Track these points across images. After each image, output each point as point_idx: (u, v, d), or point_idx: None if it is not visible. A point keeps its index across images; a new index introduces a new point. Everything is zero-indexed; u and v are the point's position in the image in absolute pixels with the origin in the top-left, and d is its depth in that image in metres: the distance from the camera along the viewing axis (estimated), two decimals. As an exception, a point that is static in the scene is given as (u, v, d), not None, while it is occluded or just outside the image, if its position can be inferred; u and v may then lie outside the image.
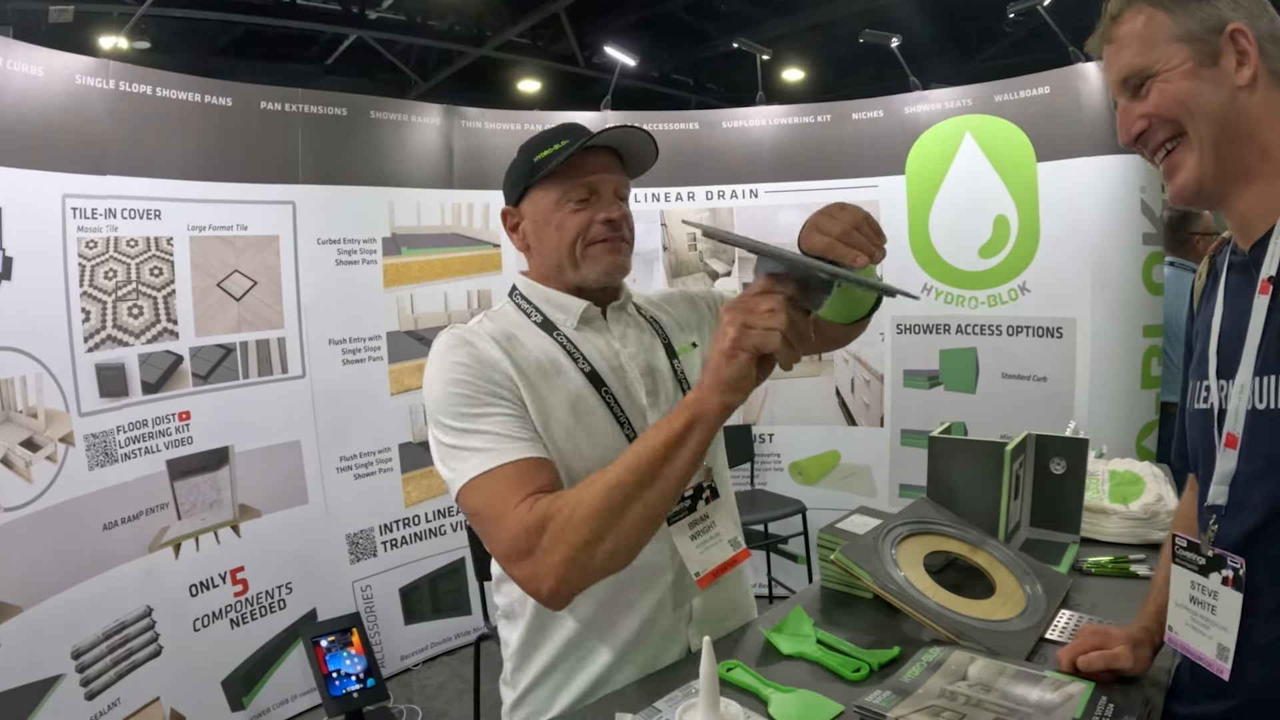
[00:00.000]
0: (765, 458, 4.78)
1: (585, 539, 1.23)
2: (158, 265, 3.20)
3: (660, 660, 1.52)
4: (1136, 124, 1.16)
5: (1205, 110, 1.10)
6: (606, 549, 1.24)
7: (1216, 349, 1.18)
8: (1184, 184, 1.14)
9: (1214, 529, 1.15)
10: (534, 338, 1.51)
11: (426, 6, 7.45)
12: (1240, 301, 1.14)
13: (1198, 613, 1.16)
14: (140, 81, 3.17)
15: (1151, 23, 1.13)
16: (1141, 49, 1.14)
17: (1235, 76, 1.09)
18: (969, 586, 1.66)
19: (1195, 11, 1.11)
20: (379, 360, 3.95)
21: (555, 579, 1.26)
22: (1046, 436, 2.09)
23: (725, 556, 1.49)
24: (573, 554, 1.24)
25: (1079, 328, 3.94)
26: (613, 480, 1.23)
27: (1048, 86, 4.00)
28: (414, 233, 4.10)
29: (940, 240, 4.34)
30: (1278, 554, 1.08)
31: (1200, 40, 1.10)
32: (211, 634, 3.34)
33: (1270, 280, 1.08)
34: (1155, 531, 1.99)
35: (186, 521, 3.26)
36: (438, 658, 4.14)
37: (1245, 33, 1.09)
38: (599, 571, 1.28)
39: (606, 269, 1.51)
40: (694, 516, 1.49)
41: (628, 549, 1.27)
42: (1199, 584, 1.16)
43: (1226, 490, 1.13)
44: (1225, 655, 1.11)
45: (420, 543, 4.10)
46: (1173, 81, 1.11)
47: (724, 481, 1.62)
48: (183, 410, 3.25)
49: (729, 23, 8.35)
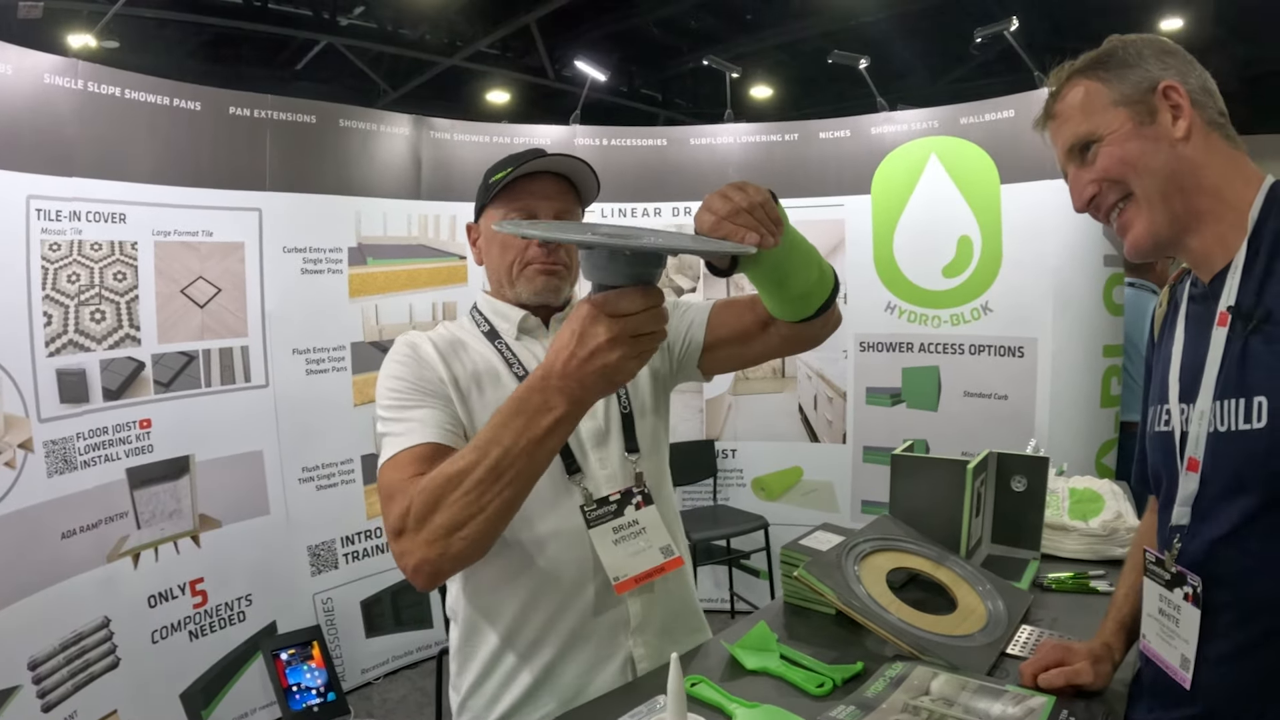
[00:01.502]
0: (728, 473, 4.80)
1: (445, 524, 1.24)
2: (121, 270, 3.15)
3: (600, 668, 1.52)
4: (1087, 189, 1.24)
5: (1150, 166, 1.18)
6: (464, 535, 1.25)
7: (1178, 375, 1.23)
8: (1138, 239, 1.21)
9: (1177, 547, 1.20)
10: (480, 347, 1.58)
11: (398, 15, 7.44)
12: (1200, 330, 1.21)
13: (1165, 624, 1.22)
14: (109, 82, 3.14)
15: (1090, 93, 1.23)
16: (1083, 118, 1.23)
17: (1173, 130, 1.17)
18: (931, 602, 1.67)
19: (1128, 76, 1.20)
20: (343, 370, 3.92)
21: (417, 558, 1.27)
22: (1008, 455, 2.12)
23: (653, 563, 1.50)
24: (433, 537, 1.25)
25: (1040, 347, 4.00)
26: (474, 476, 1.22)
27: (1013, 110, 4.06)
28: (380, 243, 4.08)
29: (904, 259, 4.38)
30: (1236, 571, 1.12)
31: (1137, 101, 1.19)
32: (170, 646, 3.28)
33: (1229, 311, 1.14)
34: (1115, 548, 2.02)
35: (146, 531, 3.21)
36: (399, 671, 4.10)
37: (1176, 88, 1.17)
38: (458, 557, 1.28)
39: (538, 290, 1.59)
40: (619, 521, 1.51)
41: (485, 537, 1.26)
42: (1165, 597, 1.22)
43: (1189, 511, 1.19)
44: (1187, 665, 1.17)
45: (382, 555, 4.06)
46: (1116, 144, 1.19)
47: (659, 489, 1.63)
48: (144, 418, 3.21)
49: (698, 39, 8.41)
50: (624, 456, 1.58)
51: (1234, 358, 1.13)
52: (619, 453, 1.57)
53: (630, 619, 1.54)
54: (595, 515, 1.49)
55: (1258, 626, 1.11)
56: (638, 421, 1.61)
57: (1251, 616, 1.11)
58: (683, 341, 1.71)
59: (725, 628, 1.69)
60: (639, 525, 1.52)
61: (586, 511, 1.49)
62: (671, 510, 1.67)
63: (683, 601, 1.67)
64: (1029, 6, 6.32)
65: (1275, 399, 1.07)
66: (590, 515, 1.49)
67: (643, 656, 1.54)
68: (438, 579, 1.32)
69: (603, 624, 1.52)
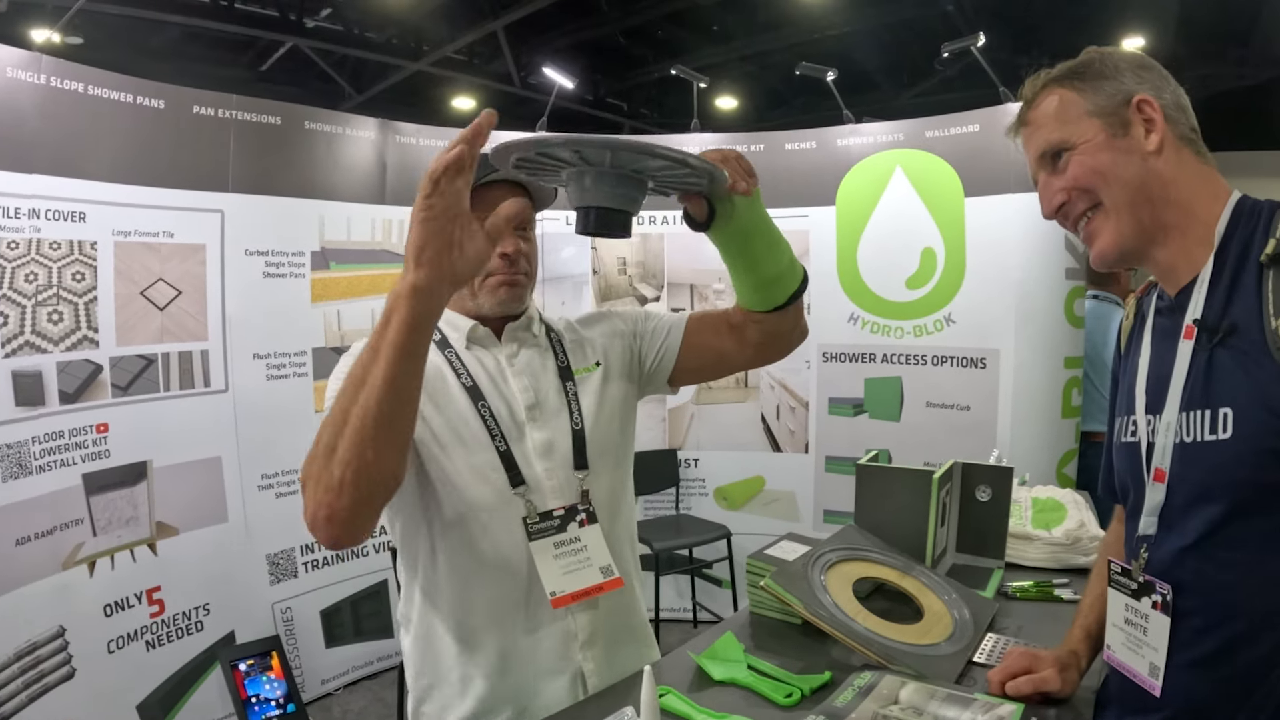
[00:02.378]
0: (690, 483, 4.81)
1: (321, 454, 1.21)
2: (80, 270, 3.09)
3: (552, 679, 1.51)
4: (1057, 196, 1.27)
5: (1120, 178, 1.20)
6: (341, 457, 1.19)
7: (1145, 387, 1.26)
8: (1104, 248, 1.24)
9: (1145, 556, 1.22)
10: (430, 354, 1.53)
11: (365, 18, 7.39)
12: (1167, 343, 1.23)
13: (1131, 633, 1.24)
14: (72, 78, 3.08)
15: (1064, 102, 1.25)
16: (1057, 126, 1.25)
17: (1145, 143, 1.20)
18: (897, 612, 1.68)
19: (1103, 88, 1.23)
20: (304, 376, 3.87)
21: (313, 505, 1.23)
22: (973, 465, 2.13)
23: (591, 582, 1.50)
24: (317, 473, 1.22)
25: (1002, 358, 4.05)
26: (339, 400, 1.22)
27: (977, 124, 4.11)
28: (343, 247, 4.04)
29: (868, 271, 4.42)
30: (1204, 579, 1.15)
31: (1110, 113, 1.21)
32: (127, 656, 3.21)
33: (1194, 324, 1.16)
34: (1078, 557, 2.05)
35: (102, 538, 3.13)
36: (359, 681, 4.05)
37: (1150, 102, 1.20)
38: (345, 487, 1.20)
39: (500, 301, 1.57)
40: (561, 536, 1.50)
41: (360, 457, 1.19)
42: (1132, 607, 1.23)
43: (1156, 520, 1.21)
44: (1156, 673, 1.18)
45: (342, 564, 4.02)
46: (1088, 153, 1.22)
47: (611, 509, 1.61)
48: (101, 422, 3.14)
49: (664, 49, 8.44)
50: (572, 473, 1.56)
51: (1200, 370, 1.15)
52: (567, 467, 1.56)
53: (578, 632, 1.53)
54: (537, 529, 1.49)
55: (1226, 632, 1.13)
56: (591, 439, 1.60)
57: (1220, 623, 1.13)
58: (655, 355, 1.71)
59: (688, 637, 1.69)
60: (580, 543, 1.52)
61: (529, 524, 1.48)
62: (626, 528, 1.67)
63: (631, 617, 1.66)
64: (992, 22, 6.41)
65: (1240, 410, 1.09)
66: (532, 528, 1.48)
67: (592, 671, 1.53)
68: (337, 523, 1.23)
69: (551, 635, 1.51)
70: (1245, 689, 1.11)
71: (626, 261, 4.73)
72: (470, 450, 1.48)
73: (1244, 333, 1.11)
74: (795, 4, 7.15)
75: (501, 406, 1.53)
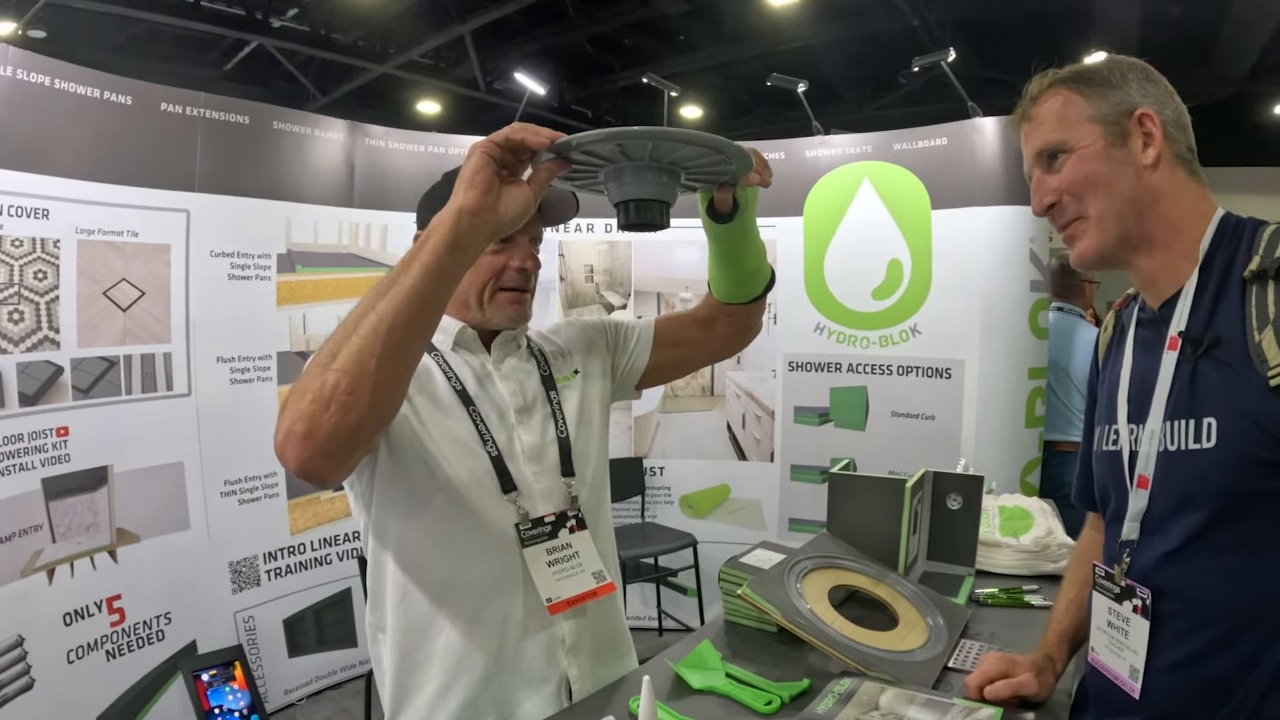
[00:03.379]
0: (655, 491, 4.80)
1: (313, 367, 1.16)
2: (42, 269, 3.02)
3: (538, 687, 1.50)
4: (1048, 196, 1.29)
5: (1111, 187, 1.23)
6: (339, 365, 1.14)
7: (1127, 396, 1.29)
8: (1085, 251, 1.27)
9: (1127, 561, 1.25)
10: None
11: (332, 18, 7.35)
12: (1150, 354, 1.26)
13: (1114, 636, 1.27)
14: (39, 71, 3.01)
15: (1068, 104, 1.27)
16: (1058, 126, 1.27)
17: (1141, 157, 1.23)
18: (871, 619, 1.69)
19: (1108, 96, 1.25)
20: (268, 381, 3.81)
21: (290, 420, 1.14)
22: (943, 473, 2.16)
23: (585, 587, 1.50)
24: (304, 386, 1.15)
25: (967, 369, 4.09)
26: (356, 306, 1.19)
27: (945, 138, 4.17)
28: (310, 250, 3.99)
29: (834, 281, 4.45)
30: (1184, 584, 1.18)
31: (1112, 122, 1.24)
32: (87, 666, 3.12)
33: (1179, 336, 1.20)
34: (1046, 563, 2.09)
35: (61, 545, 3.06)
36: (323, 692, 3.99)
37: (1152, 117, 1.23)
38: (337, 400, 1.13)
39: (510, 318, 1.57)
40: (553, 543, 1.50)
41: (360, 365, 1.14)
42: (1115, 610, 1.26)
43: (1138, 526, 1.24)
44: (1136, 676, 1.21)
45: (305, 572, 3.96)
46: (1084, 159, 1.24)
47: (597, 515, 1.63)
48: (61, 425, 3.06)
49: (631, 57, 8.48)
50: (560, 479, 1.57)
51: (1184, 380, 1.18)
52: (555, 473, 1.56)
53: (565, 639, 1.53)
54: (530, 535, 1.48)
55: (1206, 636, 1.16)
56: (576, 447, 1.60)
57: (1200, 627, 1.16)
58: (628, 360, 1.75)
59: (653, 645, 1.69)
60: (572, 549, 1.52)
61: (521, 530, 1.48)
62: (607, 535, 1.68)
63: (614, 624, 1.66)
64: (958, 36, 6.50)
65: (1224, 420, 1.13)
66: (525, 535, 1.48)
67: (577, 678, 1.53)
68: (317, 449, 1.15)
69: (537, 643, 1.51)
70: (1224, 692, 1.14)
71: (594, 269, 4.73)
72: (461, 454, 1.47)
73: (1228, 345, 1.14)
74: (762, 15, 7.21)
75: (491, 411, 1.53)
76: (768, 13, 7.11)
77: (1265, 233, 1.18)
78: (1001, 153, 4.01)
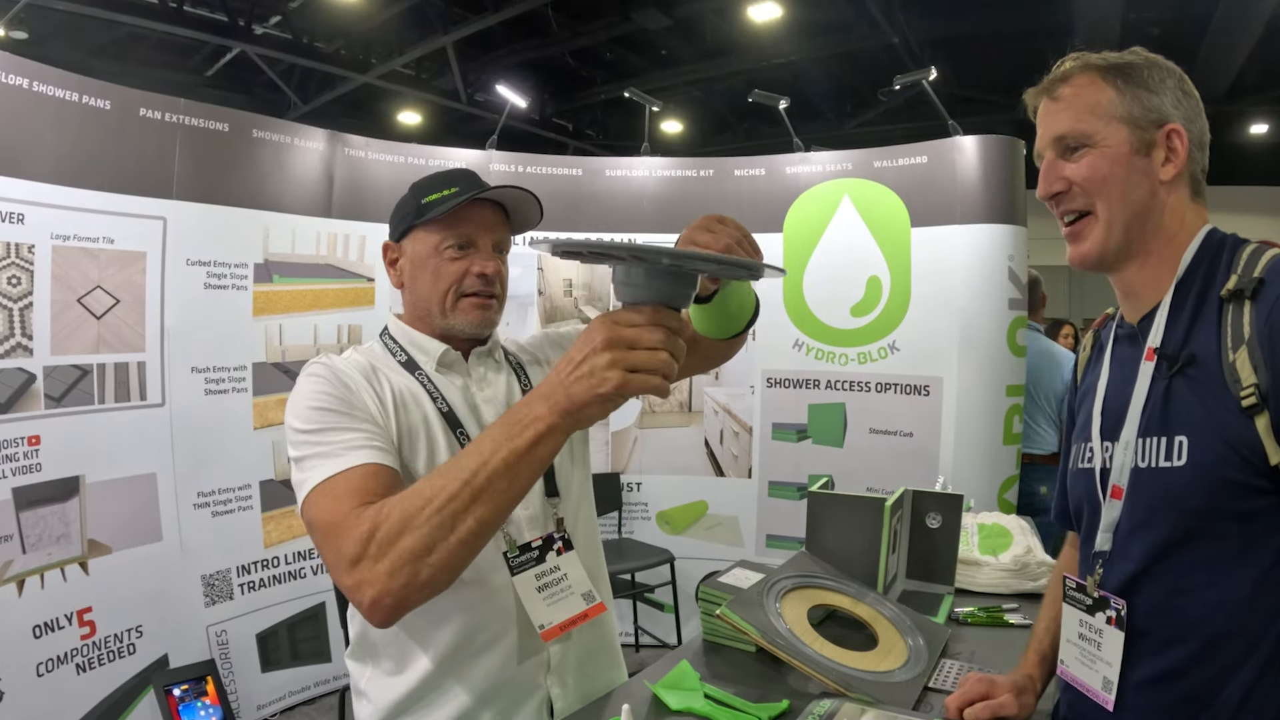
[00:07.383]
0: (633, 506, 4.78)
1: (413, 549, 1.16)
2: (16, 274, 2.97)
3: (518, 709, 1.49)
4: (1058, 183, 1.25)
5: (1127, 195, 1.20)
6: (434, 561, 1.16)
7: (1101, 412, 1.28)
8: (1085, 253, 1.24)
9: (1100, 573, 1.25)
10: (397, 375, 1.52)
11: (314, 27, 7.33)
12: (1127, 369, 1.25)
13: (1085, 648, 1.26)
14: (17, 73, 2.97)
15: (1100, 94, 1.22)
16: (1084, 115, 1.22)
17: (1161, 171, 1.20)
18: (850, 638, 1.69)
19: (1143, 99, 1.21)
20: (243, 392, 3.76)
21: (378, 589, 1.17)
22: (923, 492, 2.16)
23: (576, 610, 1.48)
24: (399, 563, 1.16)
25: (945, 386, 4.11)
26: (447, 491, 1.16)
27: (925, 156, 4.19)
28: (287, 260, 3.95)
29: (814, 298, 4.45)
30: (1157, 597, 1.18)
31: (1141, 129, 1.20)
32: (56, 679, 3.06)
33: (1155, 349, 1.19)
34: (1026, 582, 2.09)
35: (31, 556, 2.99)
36: (296, 707, 3.93)
37: (1181, 135, 1.20)
38: (426, 586, 1.18)
39: (473, 323, 1.54)
40: (542, 568, 1.48)
41: (457, 562, 1.19)
42: (1086, 622, 1.26)
43: (1111, 537, 1.23)
44: (1109, 688, 1.20)
45: (279, 585, 3.90)
46: (1106, 159, 1.20)
47: (583, 534, 1.61)
48: (32, 434, 3.00)
49: (612, 71, 8.49)
50: (544, 500, 1.55)
51: (1158, 397, 1.18)
52: (539, 495, 1.55)
53: (550, 660, 1.52)
54: (518, 562, 1.47)
55: (1178, 652, 1.15)
56: (559, 466, 1.59)
57: (1172, 642, 1.16)
58: None
59: (630, 661, 1.68)
60: (560, 571, 1.50)
61: (510, 559, 1.46)
62: (595, 550, 1.66)
63: (601, 640, 1.65)
64: (936, 56, 6.54)
65: (1196, 439, 1.12)
66: (513, 562, 1.46)
67: (559, 696, 1.52)
68: (401, 610, 1.21)
69: (527, 668, 1.50)
70: (1197, 707, 1.14)
71: (572, 283, 4.71)
72: None
73: (1203, 364, 1.14)
74: (743, 31, 7.25)
75: (477, 432, 1.50)
76: (749, 29, 7.15)
77: (1244, 252, 1.17)
78: (981, 171, 4.04)
